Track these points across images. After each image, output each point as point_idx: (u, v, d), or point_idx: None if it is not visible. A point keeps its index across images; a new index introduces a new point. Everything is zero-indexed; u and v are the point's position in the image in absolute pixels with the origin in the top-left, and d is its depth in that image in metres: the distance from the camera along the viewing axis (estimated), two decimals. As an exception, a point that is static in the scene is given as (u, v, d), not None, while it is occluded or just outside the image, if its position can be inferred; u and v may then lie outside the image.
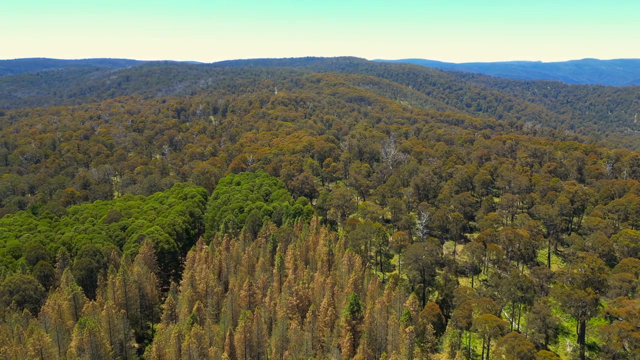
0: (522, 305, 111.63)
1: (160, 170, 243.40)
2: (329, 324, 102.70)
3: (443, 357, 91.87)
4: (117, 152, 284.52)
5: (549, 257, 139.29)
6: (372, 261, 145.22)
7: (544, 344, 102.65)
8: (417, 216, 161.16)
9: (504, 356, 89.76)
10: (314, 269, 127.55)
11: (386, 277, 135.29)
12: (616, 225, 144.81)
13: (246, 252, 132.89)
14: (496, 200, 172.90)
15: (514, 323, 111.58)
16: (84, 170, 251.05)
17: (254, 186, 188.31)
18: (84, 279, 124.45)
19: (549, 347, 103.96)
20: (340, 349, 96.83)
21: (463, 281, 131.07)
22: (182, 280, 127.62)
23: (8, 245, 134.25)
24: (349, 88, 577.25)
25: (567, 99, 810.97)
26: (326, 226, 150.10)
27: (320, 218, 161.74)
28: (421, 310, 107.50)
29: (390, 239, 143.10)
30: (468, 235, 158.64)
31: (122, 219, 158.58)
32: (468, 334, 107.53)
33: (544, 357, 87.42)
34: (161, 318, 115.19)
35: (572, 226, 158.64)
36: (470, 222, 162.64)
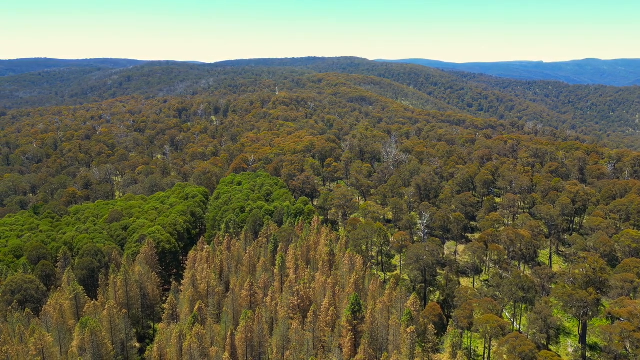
0: (524, 306, 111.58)
1: (162, 170, 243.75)
2: (330, 324, 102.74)
3: (444, 357, 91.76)
4: (119, 152, 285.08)
5: (550, 258, 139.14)
6: (374, 261, 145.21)
7: (545, 344, 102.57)
8: (418, 216, 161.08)
9: (505, 356, 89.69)
10: (315, 269, 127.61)
11: (387, 277, 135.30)
12: (618, 225, 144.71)
13: (247, 252, 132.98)
14: (497, 200, 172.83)
15: (515, 323, 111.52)
16: (86, 170, 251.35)
17: (255, 186, 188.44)
18: (85, 278, 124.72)
19: (551, 347, 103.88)
20: (342, 349, 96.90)
21: (464, 281, 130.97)
22: (183, 280, 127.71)
23: (10, 245, 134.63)
24: (350, 88, 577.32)
25: (568, 99, 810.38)
26: (327, 226, 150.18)
27: (321, 218, 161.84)
28: (422, 310, 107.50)
29: (392, 239, 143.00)
30: (469, 235, 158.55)
31: (123, 218, 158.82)
32: (469, 334, 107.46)
33: (546, 357, 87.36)
34: (162, 318, 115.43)
35: (574, 226, 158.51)
36: (471, 222, 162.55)
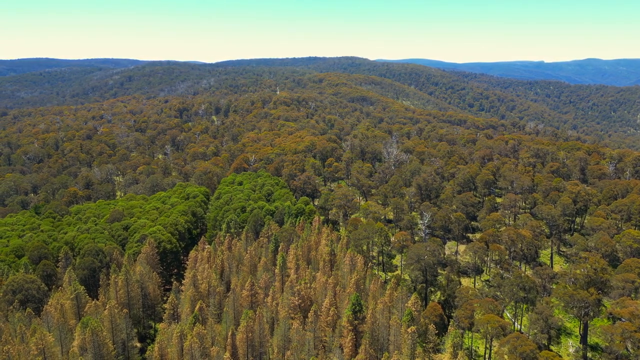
0: (525, 306, 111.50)
1: (163, 170, 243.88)
2: (331, 324, 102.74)
3: (445, 357, 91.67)
4: (120, 152, 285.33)
5: (551, 258, 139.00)
6: (374, 261, 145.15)
7: (546, 344, 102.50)
8: (419, 216, 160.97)
9: (506, 357, 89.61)
10: (316, 269, 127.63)
11: (388, 277, 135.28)
12: (619, 225, 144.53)
13: (248, 252, 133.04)
14: (498, 200, 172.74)
15: (516, 323, 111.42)
16: (87, 170, 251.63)
17: (256, 186, 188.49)
18: (86, 278, 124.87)
19: (552, 347, 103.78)
20: (342, 349, 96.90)
21: (465, 281, 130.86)
22: (184, 280, 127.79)
23: (11, 245, 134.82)
24: (351, 88, 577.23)
25: (569, 99, 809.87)
26: (328, 226, 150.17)
27: (322, 218, 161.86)
28: (423, 310, 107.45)
29: (393, 239, 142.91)
30: (470, 235, 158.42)
31: (124, 218, 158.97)
32: (470, 335, 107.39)
33: (547, 357, 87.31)
34: (163, 318, 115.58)
35: (575, 226, 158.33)
36: (472, 223, 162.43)
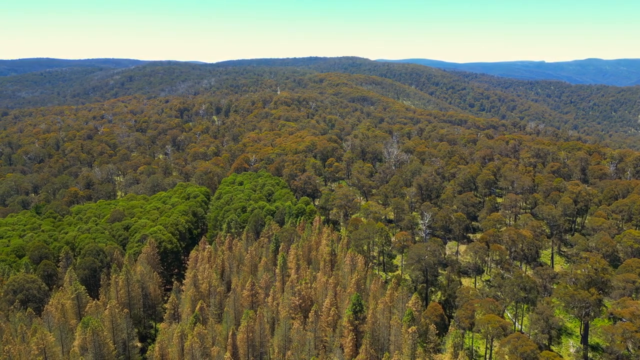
0: (525, 306, 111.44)
1: (163, 170, 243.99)
2: (332, 324, 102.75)
3: (446, 357, 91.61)
4: (120, 152, 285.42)
5: (552, 258, 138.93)
6: (375, 261, 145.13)
7: (547, 344, 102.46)
8: (419, 216, 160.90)
9: (506, 357, 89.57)
10: (317, 269, 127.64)
11: (389, 277, 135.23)
12: (620, 225, 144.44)
13: (249, 252, 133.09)
14: (499, 200, 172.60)
15: (517, 323, 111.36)
16: (87, 170, 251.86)
17: (256, 186, 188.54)
18: (87, 278, 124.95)
19: (552, 347, 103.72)
20: (343, 349, 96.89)
21: (466, 281, 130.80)
22: (184, 279, 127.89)
23: (12, 245, 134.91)
24: (351, 88, 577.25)
25: (570, 99, 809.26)
26: (329, 226, 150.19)
27: (322, 218, 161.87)
28: (424, 310, 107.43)
29: (393, 239, 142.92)
30: (471, 235, 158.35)
31: (125, 218, 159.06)
32: (471, 335, 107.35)
33: (547, 357, 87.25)
34: (164, 317, 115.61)
35: (576, 227, 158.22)
36: (473, 223, 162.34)
